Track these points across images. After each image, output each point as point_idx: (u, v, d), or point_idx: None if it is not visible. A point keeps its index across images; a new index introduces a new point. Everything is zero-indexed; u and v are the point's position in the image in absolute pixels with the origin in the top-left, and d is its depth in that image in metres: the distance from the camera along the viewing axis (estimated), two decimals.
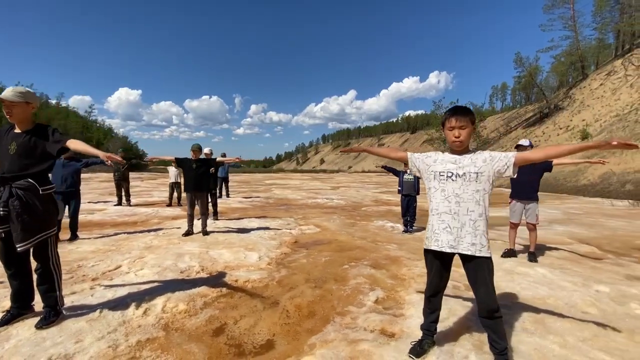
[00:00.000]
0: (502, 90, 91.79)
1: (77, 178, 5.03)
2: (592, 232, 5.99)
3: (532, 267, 3.65)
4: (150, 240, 4.91)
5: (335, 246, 4.94)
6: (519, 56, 32.19)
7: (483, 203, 1.80)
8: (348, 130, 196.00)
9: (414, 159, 2.03)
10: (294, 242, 5.18)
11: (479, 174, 1.80)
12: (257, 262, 4.00)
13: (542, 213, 8.32)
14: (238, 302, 2.91)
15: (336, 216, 7.86)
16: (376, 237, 5.53)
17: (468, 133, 1.82)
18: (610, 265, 3.90)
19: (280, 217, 7.62)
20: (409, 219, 5.88)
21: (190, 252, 4.28)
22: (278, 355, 2.10)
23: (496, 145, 38.07)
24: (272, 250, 4.54)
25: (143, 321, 2.49)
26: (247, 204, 9.97)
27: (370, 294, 3.05)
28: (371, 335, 2.30)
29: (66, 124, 71.92)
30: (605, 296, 2.89)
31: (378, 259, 4.23)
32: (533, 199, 3.99)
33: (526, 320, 2.44)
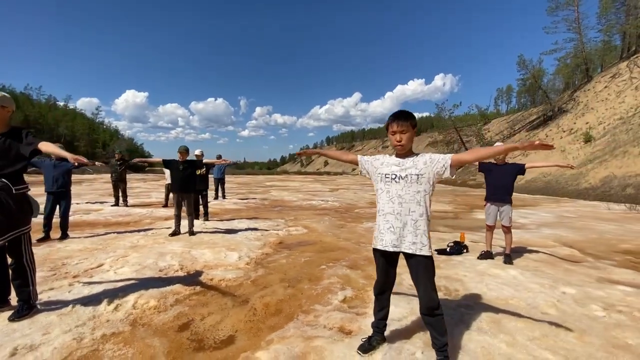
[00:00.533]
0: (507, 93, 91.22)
1: (68, 178, 5.17)
2: (578, 236, 5.98)
3: (505, 269, 3.69)
4: (137, 240, 5.03)
5: (319, 247, 5.02)
6: (522, 59, 32.02)
7: (424, 204, 1.87)
8: (352, 132, 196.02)
9: (363, 162, 2.11)
10: (278, 242, 5.26)
11: (419, 175, 1.87)
12: (236, 261, 4.09)
13: (535, 216, 8.33)
14: (209, 300, 3.00)
15: (327, 218, 7.93)
16: (361, 239, 5.59)
17: (409, 137, 1.89)
18: (585, 268, 3.92)
19: (272, 218, 7.72)
20: None
21: (172, 251, 4.38)
22: (235, 350, 2.18)
23: None
24: (254, 250, 4.62)
25: (112, 316, 2.58)
26: (242, 206, 10.08)
27: (339, 293, 3.12)
28: (328, 332, 2.37)
29: (73, 125, 73.06)
30: (570, 298, 2.92)
31: (357, 260, 4.29)
32: (506, 201, 4.03)
33: (483, 320, 2.49)
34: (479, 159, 1.94)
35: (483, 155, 1.87)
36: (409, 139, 1.90)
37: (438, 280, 3.37)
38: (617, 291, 3.08)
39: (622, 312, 2.66)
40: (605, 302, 2.83)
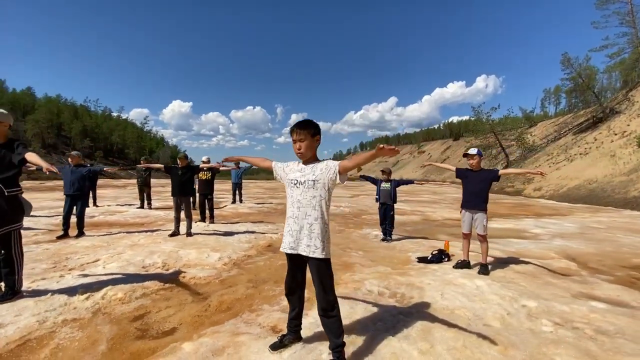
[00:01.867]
0: (555, 94, 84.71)
1: (83, 183, 5.78)
2: (591, 248, 5.51)
3: (473, 279, 3.55)
4: (139, 239, 5.49)
5: None
6: (567, 57, 29.70)
7: (319, 208, 1.95)
8: (387, 137, 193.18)
9: (276, 168, 2.23)
10: (267, 245, 5.46)
11: (315, 181, 1.96)
12: (215, 262, 4.34)
13: (555, 227, 7.77)
14: (173, 295, 3.26)
15: (330, 223, 8.00)
16: (350, 244, 5.62)
17: (307, 145, 1.98)
18: (570, 282, 3.64)
19: (276, 222, 7.95)
20: (387, 227, 5.87)
21: (163, 250, 4.74)
22: (169, 340, 2.38)
23: (542, 153, 35.30)
24: (238, 252, 4.85)
25: (81, 305, 2.92)
26: (255, 210, 10.46)
27: None
28: (259, 330, 2.50)
29: (124, 134, 79.65)
30: (525, 311, 2.78)
31: (333, 264, 4.34)
32: (480, 209, 3.87)
33: (415, 327, 2.47)
34: (358, 164, 1.99)
35: (361, 161, 1.92)
36: (308, 147, 1.99)
37: (399, 287, 3.38)
38: (586, 307, 2.86)
39: (576, 328, 2.49)
40: (563, 318, 2.66)
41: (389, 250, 5.22)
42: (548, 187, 23.55)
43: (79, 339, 2.37)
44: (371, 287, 3.39)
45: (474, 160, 3.90)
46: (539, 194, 22.99)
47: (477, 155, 3.90)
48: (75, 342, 2.32)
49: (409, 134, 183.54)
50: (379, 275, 3.79)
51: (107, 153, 72.99)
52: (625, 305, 2.99)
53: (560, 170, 26.00)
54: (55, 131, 67.53)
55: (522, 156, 41.18)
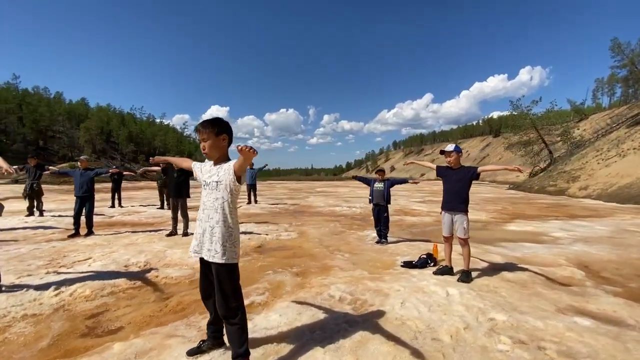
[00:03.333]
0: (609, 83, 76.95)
1: (92, 184, 6.16)
2: (613, 255, 4.86)
3: (447, 287, 3.25)
4: (137, 239, 5.74)
5: (289, 253, 5.06)
6: (617, 43, 26.82)
7: (222, 211, 1.86)
8: (421, 135, 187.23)
9: (195, 169, 2.18)
10: (257, 247, 5.45)
11: (218, 182, 1.87)
12: (195, 262, 4.38)
13: (583, 230, 7.03)
14: (138, 294, 3.34)
15: (334, 224, 7.85)
16: (342, 246, 5.45)
17: (211, 145, 1.90)
18: (564, 293, 3.21)
19: (279, 223, 7.95)
20: (382, 230, 5.62)
21: (152, 250, 4.90)
22: (107, 340, 2.42)
23: (591, 148, 32.24)
24: None
25: (48, 301, 3.07)
26: (266, 211, 10.56)
27: (250, 297, 3.16)
28: (195, 333, 2.46)
29: (166, 138, 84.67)
30: (489, 326, 2.48)
31: (311, 267, 4.23)
32: (459, 210, 3.53)
33: (353, 339, 2.29)
34: (241, 167, 1.83)
35: (242, 165, 1.79)
36: (212, 147, 1.91)
37: (363, 293, 3.20)
38: (565, 323, 2.49)
39: (540, 348, 2.17)
40: (530, 335, 2.33)
41: (379, 253, 4.98)
42: (595, 186, 21.42)
43: (27, 334, 2.48)
44: (335, 292, 3.23)
45: (452, 157, 3.59)
46: (585, 193, 20.96)
47: (455, 152, 3.58)
48: (22, 337, 2.43)
49: (446, 132, 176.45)
50: (350, 280, 3.61)
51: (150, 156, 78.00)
52: (617, 322, 2.57)
53: (610, 167, 23.52)
54: (105, 137, 73.51)
55: (569, 152, 37.88)
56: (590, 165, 26.17)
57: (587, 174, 25.16)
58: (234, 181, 1.84)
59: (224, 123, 1.94)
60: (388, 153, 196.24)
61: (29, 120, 61.38)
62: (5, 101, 60.78)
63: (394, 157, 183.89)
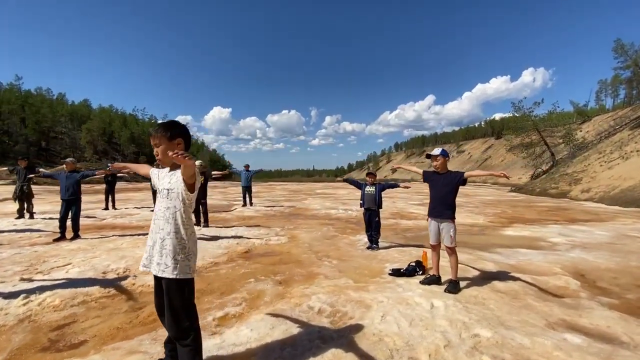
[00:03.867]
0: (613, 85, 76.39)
1: (78, 187, 6.05)
2: (612, 262, 4.68)
3: (433, 299, 3.09)
4: (122, 243, 5.61)
5: (276, 259, 4.91)
6: (620, 43, 26.55)
7: (173, 221, 1.73)
8: (423, 137, 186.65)
9: (152, 176, 2.04)
10: (244, 252, 5.31)
11: (170, 190, 1.74)
12: None
13: (582, 235, 6.85)
14: (110, 304, 3.20)
15: (327, 228, 7.70)
16: (331, 252, 5.29)
17: (163, 150, 1.77)
18: (557, 306, 3.05)
19: (271, 226, 7.81)
20: (373, 235, 5.46)
21: (134, 255, 4.77)
22: (66, 355, 2.29)
23: (593, 151, 31.93)
24: (208, 258, 4.75)
25: (14, 310, 2.94)
26: (260, 213, 10.42)
27: (226, 309, 3.02)
28: (159, 349, 2.31)
29: None
30: (472, 343, 2.32)
31: (296, 275, 4.09)
32: (446, 217, 3.37)
33: (323, 357, 2.14)
34: (187, 175, 1.69)
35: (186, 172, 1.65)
36: (165, 152, 1.77)
37: (344, 305, 3.04)
38: (554, 341, 2.33)
39: None
40: (515, 354, 2.18)
41: (368, 259, 4.83)
42: (598, 189, 21.17)
43: None
44: (315, 304, 3.08)
45: (438, 161, 3.44)
46: (587, 196, 20.69)
47: (442, 156, 3.43)
48: None
49: (448, 133, 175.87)
50: (333, 290, 3.46)
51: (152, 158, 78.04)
52: (611, 340, 2.40)
53: (612, 169, 23.25)
54: (107, 138, 73.75)
55: (571, 154, 37.57)
56: (592, 168, 25.89)
57: (589, 176, 24.88)
58: (185, 190, 1.70)
59: (179, 126, 1.80)
60: (390, 154, 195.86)
61: (32, 121, 61.64)
62: (8, 102, 61.11)
63: (396, 158, 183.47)
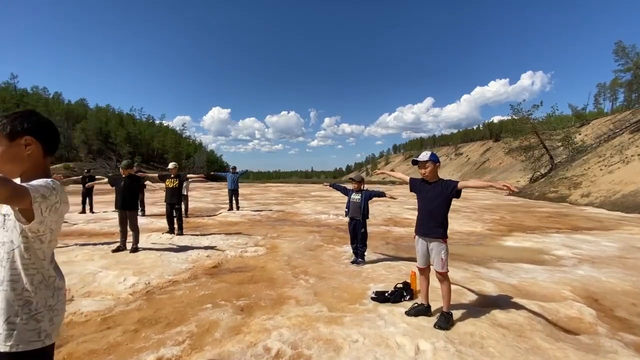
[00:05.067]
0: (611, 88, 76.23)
1: None
2: (627, 282, 4.11)
3: (419, 338, 2.50)
4: (77, 255, 4.99)
5: (247, 276, 4.31)
6: (621, 45, 26.15)
7: (8, 264, 1.13)
8: (421, 139, 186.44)
9: None
10: (212, 267, 4.71)
11: (5, 216, 1.15)
12: (125, 289, 3.66)
13: (588, 247, 6.28)
14: None
15: (313, 236, 7.12)
16: (310, 267, 4.70)
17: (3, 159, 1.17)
18: (572, 347, 2.47)
19: (252, 234, 7.22)
20: (359, 247, 4.88)
21: (82, 271, 4.17)
22: None
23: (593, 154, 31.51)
24: (166, 275, 4.15)
25: None
26: (246, 219, 9.82)
27: (162, 350, 2.43)
28: None
29: (164, 139, 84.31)
30: None
31: (263, 299, 3.49)
32: (436, 235, 2.79)
33: None
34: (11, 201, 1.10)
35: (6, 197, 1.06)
36: (2, 157, 1.17)
37: (310, 346, 2.46)
38: None
39: None
40: None
41: (350, 277, 4.24)
42: (598, 193, 20.69)
43: None
44: (273, 344, 2.49)
45: (427, 168, 2.85)
46: (587, 200, 20.20)
47: (431, 162, 2.85)
48: None
49: (446, 135, 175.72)
50: (301, 322, 2.87)
51: (148, 158, 77.56)
52: None
53: (613, 173, 22.79)
54: (103, 138, 73.04)
55: (570, 158, 37.15)
56: (592, 172, 25.45)
57: (589, 180, 24.42)
58: (20, 216, 1.11)
59: (25, 118, 1.20)
60: (388, 156, 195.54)
61: None
62: (3, 101, 60.46)
63: (394, 160, 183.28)
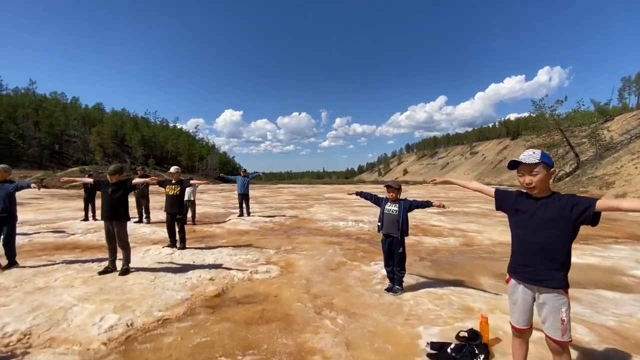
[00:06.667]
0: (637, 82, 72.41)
1: (11, 202, 4.70)
2: None
3: None
4: (57, 279, 4.17)
5: (256, 311, 3.41)
6: None
7: None
8: (435, 138, 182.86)
9: None
10: (214, 295, 3.84)
11: None
12: (98, 334, 2.80)
13: None
14: None
15: (333, 249, 6.17)
16: (335, 298, 3.77)
17: None
18: None
19: (265, 247, 6.34)
20: (395, 272, 3.92)
21: (55, 304, 3.34)
22: None
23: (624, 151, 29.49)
24: (156, 312, 3.28)
25: None
26: (256, 226, 8.96)
27: None
28: None
29: (178, 142, 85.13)
30: None
31: (280, 351, 2.59)
32: (551, 282, 1.80)
33: None
34: None
35: None
36: None
37: None
38: None
39: None
40: None
41: (390, 315, 3.28)
42: (635, 193, 19.07)
43: None
44: None
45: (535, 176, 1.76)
46: None
47: (543, 165, 1.79)
48: None
49: (460, 134, 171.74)
50: None
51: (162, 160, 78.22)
52: None
53: None
54: (118, 141, 74.11)
55: (598, 156, 35.06)
56: (626, 170, 23.66)
57: (623, 179, 22.68)
58: None
59: None
60: (401, 156, 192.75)
61: (45, 124, 62.30)
62: (22, 106, 61.90)
63: (407, 159, 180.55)
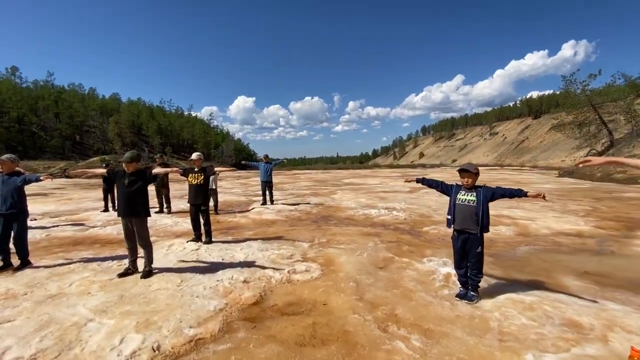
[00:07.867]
0: None
1: (20, 197, 4.20)
2: None
3: None
4: (72, 283, 3.64)
5: (306, 326, 2.77)
6: None
7: None
8: (452, 119, 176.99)
9: None
10: (252, 303, 3.23)
11: None
12: None
13: None
14: None
15: (374, 243, 5.48)
16: (397, 308, 3.08)
17: None
18: None
19: (298, 239, 5.72)
20: (471, 275, 3.19)
21: (68, 320, 2.79)
22: None
23: None
24: (185, 329, 2.68)
25: None
26: (282, 216, 8.37)
27: None
28: None
29: (193, 130, 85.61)
30: None
31: None
32: None
33: None
34: None
35: None
36: None
37: None
38: None
39: None
40: None
41: (476, 334, 2.58)
42: None
43: None
44: None
45: None
46: None
47: None
48: None
49: (479, 114, 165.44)
50: None
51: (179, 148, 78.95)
52: None
53: None
54: (136, 130, 75.01)
55: (635, 133, 32.65)
56: None
57: None
58: None
59: None
60: (417, 139, 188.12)
61: (65, 116, 63.51)
62: (43, 98, 63.10)
63: (423, 142, 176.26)
